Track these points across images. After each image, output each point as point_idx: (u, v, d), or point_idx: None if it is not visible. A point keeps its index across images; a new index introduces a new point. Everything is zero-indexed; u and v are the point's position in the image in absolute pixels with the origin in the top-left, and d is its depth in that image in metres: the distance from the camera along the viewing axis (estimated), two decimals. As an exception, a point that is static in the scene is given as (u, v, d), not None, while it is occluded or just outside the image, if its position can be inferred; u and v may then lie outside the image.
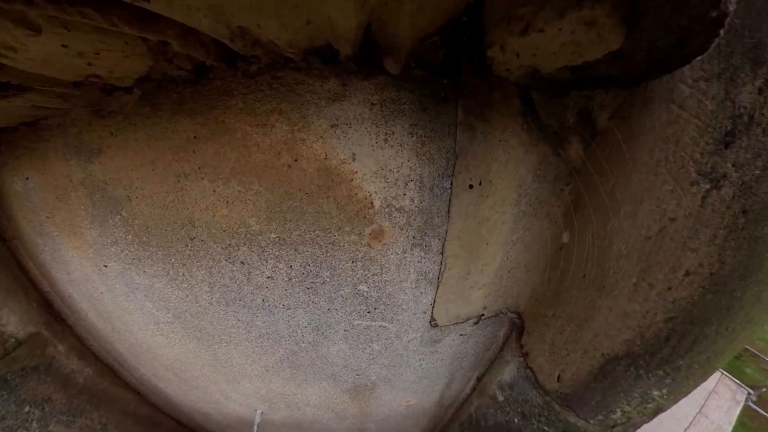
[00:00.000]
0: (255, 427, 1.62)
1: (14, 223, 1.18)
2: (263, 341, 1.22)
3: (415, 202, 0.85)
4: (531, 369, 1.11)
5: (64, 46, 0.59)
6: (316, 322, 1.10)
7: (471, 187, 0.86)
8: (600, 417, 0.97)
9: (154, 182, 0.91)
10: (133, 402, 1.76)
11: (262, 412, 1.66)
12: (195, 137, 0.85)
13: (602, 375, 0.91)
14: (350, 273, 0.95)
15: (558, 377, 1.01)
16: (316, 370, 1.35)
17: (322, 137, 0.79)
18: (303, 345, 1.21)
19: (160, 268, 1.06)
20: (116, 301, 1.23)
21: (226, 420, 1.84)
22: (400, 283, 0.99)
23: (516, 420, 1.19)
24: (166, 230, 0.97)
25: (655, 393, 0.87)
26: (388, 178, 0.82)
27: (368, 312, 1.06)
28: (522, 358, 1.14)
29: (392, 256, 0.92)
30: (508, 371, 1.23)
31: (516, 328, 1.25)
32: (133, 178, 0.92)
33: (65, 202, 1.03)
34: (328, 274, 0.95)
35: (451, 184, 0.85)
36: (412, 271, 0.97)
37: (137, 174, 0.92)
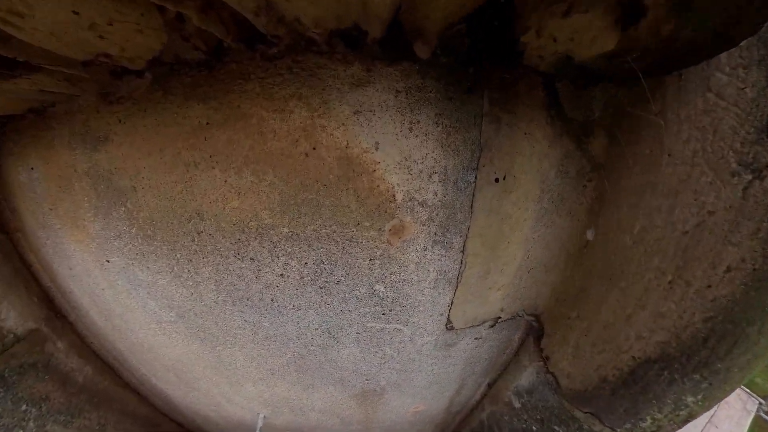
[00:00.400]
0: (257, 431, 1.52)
1: (17, 215, 1.10)
2: (270, 344, 1.13)
3: (439, 195, 0.80)
4: (552, 374, 1.03)
5: (75, 12, 0.53)
6: (327, 324, 1.02)
7: (497, 180, 0.81)
8: (628, 425, 0.90)
9: (162, 172, 0.84)
10: (133, 402, 1.65)
11: (264, 416, 1.57)
12: (207, 123, 0.79)
13: (632, 380, 0.84)
14: (367, 272, 0.88)
15: (582, 382, 0.94)
16: (324, 375, 1.26)
17: (344, 124, 0.74)
18: (312, 348, 1.13)
19: (164, 264, 0.98)
20: (118, 298, 1.14)
21: (226, 423, 1.73)
22: (419, 283, 0.92)
23: (534, 428, 1.11)
24: (172, 223, 0.89)
25: (690, 399, 0.81)
26: (411, 170, 0.77)
27: (383, 314, 0.99)
28: (542, 363, 1.07)
29: (412, 254, 0.86)
30: (526, 376, 1.16)
31: (533, 332, 1.18)
32: (140, 167, 0.85)
33: (69, 193, 0.96)
34: (343, 273, 0.88)
35: (476, 177, 0.80)
36: (431, 270, 0.90)
37: (144, 163, 0.85)
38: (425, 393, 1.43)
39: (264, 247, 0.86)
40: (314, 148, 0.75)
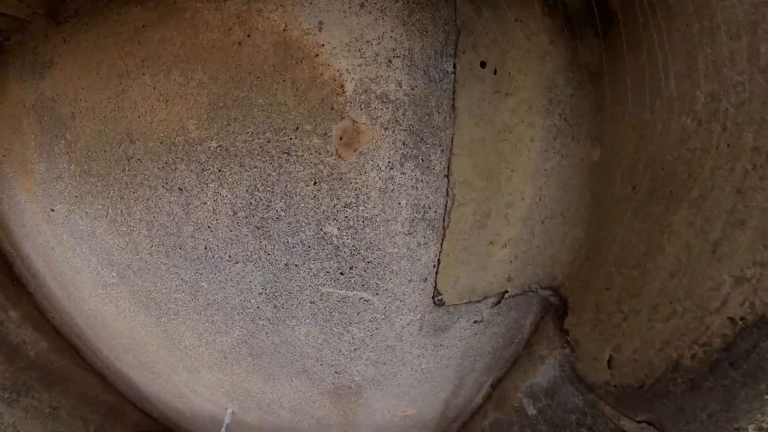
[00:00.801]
0: (224, 428, 1.24)
1: None
2: (213, 314, 0.88)
3: (404, 87, 0.58)
4: (583, 364, 0.66)
5: None
6: (272, 287, 0.77)
7: (483, 65, 0.58)
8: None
9: (98, 89, 0.72)
10: (96, 387, 1.41)
11: (233, 412, 1.31)
12: (143, 26, 0.67)
13: (729, 362, 0.46)
14: (312, 203, 0.64)
15: (635, 374, 0.56)
16: (284, 362, 0.96)
17: (282, 5, 0.58)
18: (260, 323, 0.86)
19: (99, 207, 0.82)
20: (65, 257, 0.99)
21: (196, 417, 1.48)
22: (386, 224, 0.66)
23: None
24: (105, 151, 0.75)
25: None
26: (364, 53, 0.57)
27: (341, 273, 0.72)
28: (567, 350, 0.70)
29: (372, 174, 0.62)
30: (544, 371, 0.78)
31: (552, 311, 0.83)
32: (79, 88, 0.74)
33: (19, 134, 0.86)
34: (282, 204, 0.65)
35: (455, 66, 0.58)
36: (403, 202, 0.65)
37: (83, 83, 0.74)
38: (414, 394, 1.05)
39: (192, 170, 0.67)
40: (248, 35, 0.59)
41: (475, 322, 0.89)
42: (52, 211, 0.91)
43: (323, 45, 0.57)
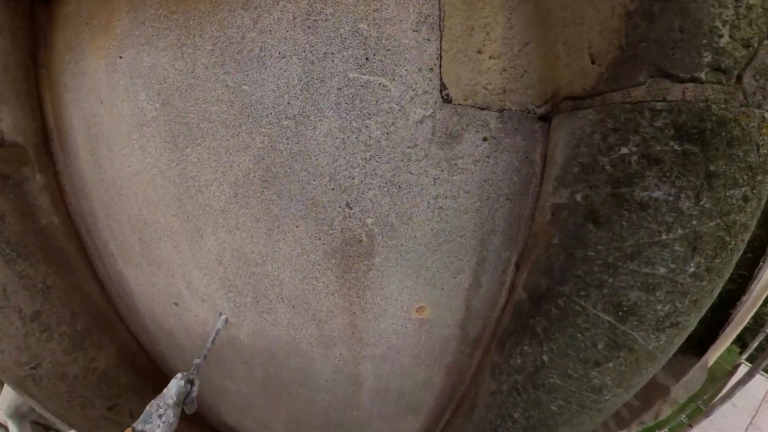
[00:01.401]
0: (214, 333, 1.58)
1: (50, 49, 1.87)
2: (242, 123, 1.50)
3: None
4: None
5: None
6: (308, 77, 1.45)
7: None
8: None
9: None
10: (93, 288, 1.84)
11: (226, 319, 1.77)
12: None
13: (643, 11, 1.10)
14: (352, 9, 1.43)
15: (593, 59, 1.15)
16: (294, 190, 1.50)
17: None
18: (285, 124, 1.47)
19: (173, 37, 1.60)
20: (112, 106, 1.70)
21: (190, 339, 1.81)
22: (401, 23, 1.43)
23: (586, 197, 1.16)
24: (197, -6, 1.59)
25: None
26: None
27: (366, 59, 1.42)
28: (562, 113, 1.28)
29: (391, -8, 1.43)
30: (561, 151, 1.31)
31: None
32: (189, -36, 1.66)
33: (110, 2, 1.74)
34: (331, 10, 1.44)
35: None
36: (411, 10, 1.43)
37: (193, -37, 1.66)
38: (430, 268, 1.47)
39: (268, -6, 1.49)
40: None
41: (484, 138, 1.48)
42: (120, 58, 1.68)
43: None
